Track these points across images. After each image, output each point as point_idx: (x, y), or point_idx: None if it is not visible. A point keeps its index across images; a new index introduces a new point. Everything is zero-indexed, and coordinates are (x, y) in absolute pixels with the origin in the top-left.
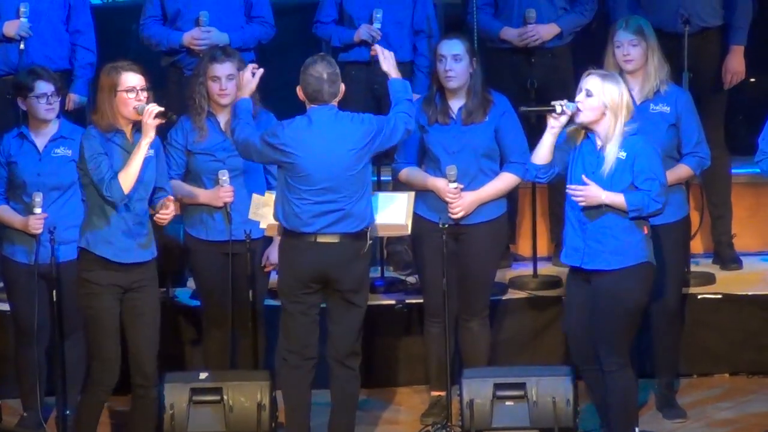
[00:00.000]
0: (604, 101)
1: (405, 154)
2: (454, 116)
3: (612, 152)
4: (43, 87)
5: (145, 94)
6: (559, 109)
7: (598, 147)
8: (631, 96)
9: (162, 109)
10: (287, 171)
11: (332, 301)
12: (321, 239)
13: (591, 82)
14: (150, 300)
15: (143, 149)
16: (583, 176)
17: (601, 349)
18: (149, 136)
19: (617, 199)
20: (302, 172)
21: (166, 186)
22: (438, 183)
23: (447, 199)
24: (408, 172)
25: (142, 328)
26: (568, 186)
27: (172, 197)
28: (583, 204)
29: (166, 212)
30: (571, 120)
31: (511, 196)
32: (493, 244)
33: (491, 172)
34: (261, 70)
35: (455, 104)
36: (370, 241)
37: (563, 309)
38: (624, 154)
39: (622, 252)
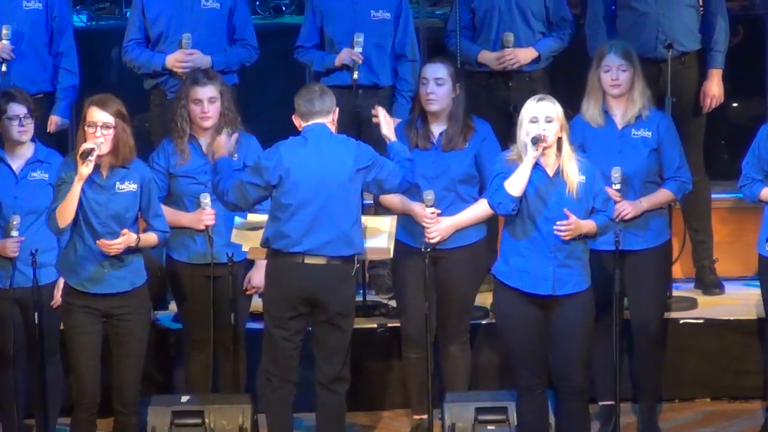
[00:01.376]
0: (560, 123)
1: None
2: (434, 141)
3: (573, 175)
4: (16, 109)
5: (109, 131)
6: (542, 139)
7: (551, 173)
8: (613, 121)
9: (87, 147)
10: (280, 190)
11: (318, 325)
12: (308, 260)
13: (547, 107)
14: (134, 328)
15: (75, 188)
16: (566, 210)
17: (573, 371)
18: (81, 174)
19: (591, 225)
20: (295, 189)
21: (153, 222)
22: (415, 207)
23: (423, 224)
24: (387, 196)
25: (123, 357)
26: (557, 224)
27: (144, 237)
28: (568, 238)
29: (109, 242)
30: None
31: (491, 221)
32: (472, 269)
33: (470, 198)
34: (236, 135)
35: (436, 129)
36: (358, 265)
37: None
38: (583, 177)
39: (585, 273)
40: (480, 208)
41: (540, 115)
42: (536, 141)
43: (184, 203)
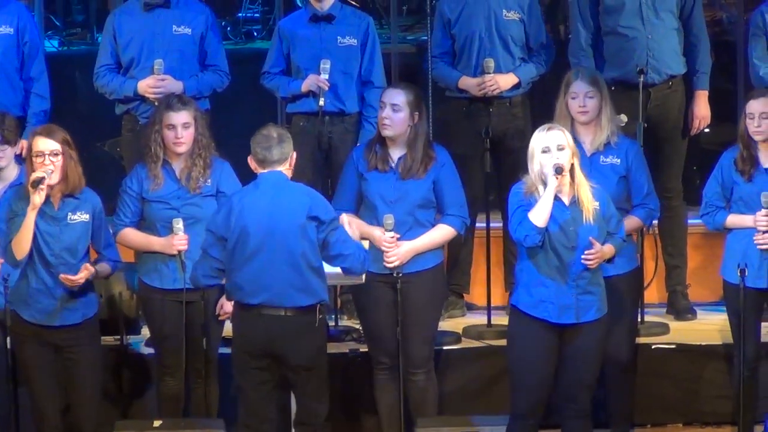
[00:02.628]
0: (572, 151)
1: (341, 201)
2: (393, 165)
3: (588, 201)
4: None
5: (57, 158)
6: (564, 166)
7: (567, 202)
8: (582, 148)
9: (37, 176)
10: (231, 240)
11: (288, 373)
12: (265, 311)
13: (558, 136)
14: (85, 359)
15: (29, 217)
16: (591, 239)
17: (580, 394)
18: (32, 204)
19: (611, 250)
20: (245, 239)
21: (105, 251)
22: (374, 232)
23: (383, 248)
24: (344, 219)
25: (77, 388)
26: (585, 254)
27: (98, 268)
28: (595, 266)
29: (73, 277)
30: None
31: (466, 246)
32: (432, 294)
33: (427, 223)
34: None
35: (394, 153)
36: (321, 316)
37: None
38: (597, 203)
39: (604, 299)
40: (438, 233)
41: (551, 144)
42: (560, 171)
43: (156, 228)
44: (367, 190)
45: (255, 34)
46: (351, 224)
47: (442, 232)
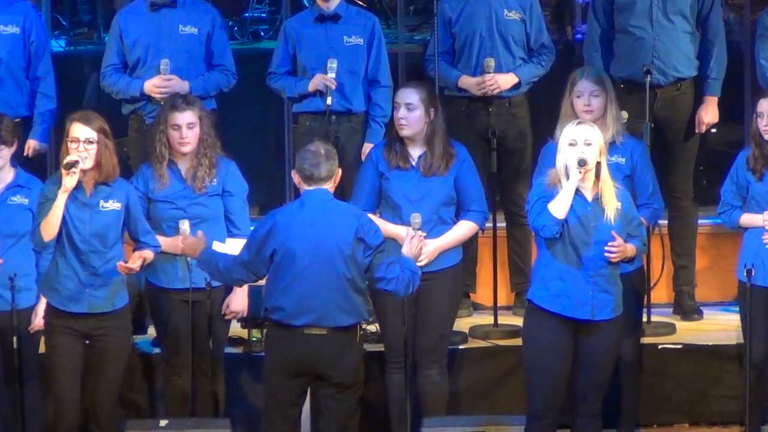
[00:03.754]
0: (600, 148)
1: (361, 201)
2: (414, 163)
3: (611, 201)
4: None
5: (93, 146)
6: (585, 162)
7: (590, 198)
8: None
9: (71, 159)
10: (275, 260)
11: (322, 398)
12: (308, 331)
13: (586, 131)
14: (112, 350)
15: (60, 199)
16: (613, 232)
17: (591, 396)
18: (65, 187)
19: (633, 250)
20: (290, 260)
21: (144, 239)
22: (400, 231)
23: None
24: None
25: (99, 379)
26: (608, 245)
27: (144, 254)
28: (616, 260)
29: (128, 264)
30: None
31: (470, 245)
32: (452, 292)
33: (449, 220)
34: (200, 233)
35: (414, 152)
36: (361, 333)
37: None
38: (620, 203)
39: (621, 299)
40: (462, 230)
41: (579, 139)
42: (582, 164)
43: (162, 228)
44: (390, 189)
45: (262, 33)
46: (416, 240)
47: (465, 229)
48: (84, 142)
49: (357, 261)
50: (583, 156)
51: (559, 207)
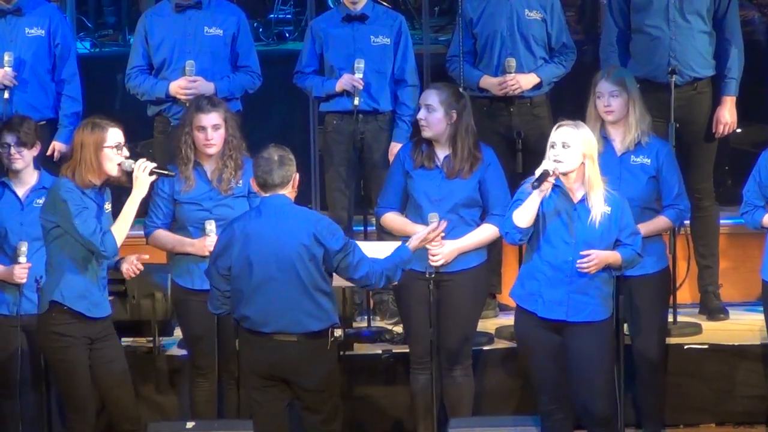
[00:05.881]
0: (582, 150)
1: (387, 199)
2: (438, 163)
3: (598, 205)
4: (5, 137)
5: (125, 149)
6: (551, 170)
7: (576, 199)
8: (612, 147)
9: (154, 165)
10: (237, 269)
11: (298, 405)
12: (278, 338)
13: (565, 133)
14: (116, 347)
15: (136, 204)
16: (582, 252)
17: (591, 401)
18: (142, 191)
19: (617, 257)
20: (249, 270)
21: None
22: (418, 230)
23: (427, 247)
24: (390, 218)
25: (114, 375)
26: (579, 262)
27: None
28: (593, 272)
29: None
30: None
31: (495, 246)
32: (475, 293)
33: (472, 222)
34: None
35: (440, 152)
36: (332, 339)
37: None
38: (608, 208)
39: (604, 303)
40: (483, 233)
41: (558, 141)
42: (542, 177)
43: (188, 230)
44: (413, 188)
45: (287, 35)
46: (433, 234)
47: (486, 232)
48: (123, 146)
49: (318, 262)
50: (546, 169)
51: (522, 216)
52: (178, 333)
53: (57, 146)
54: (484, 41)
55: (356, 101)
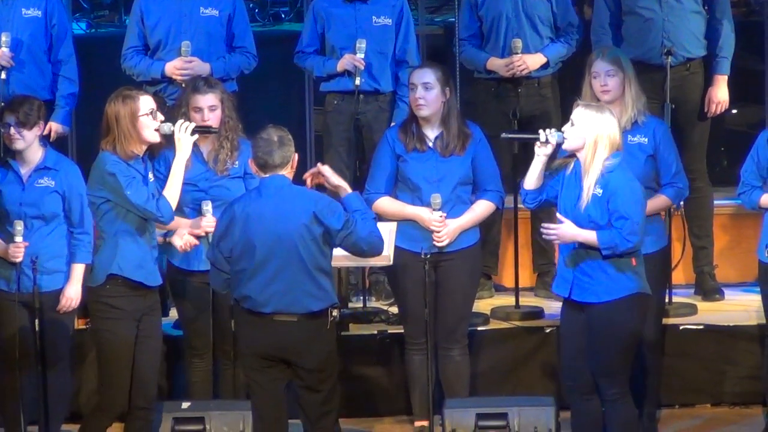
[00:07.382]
0: (583, 131)
1: (378, 183)
2: (430, 144)
3: (588, 186)
4: (6, 118)
5: (159, 114)
6: (543, 138)
7: (583, 177)
8: None
9: (194, 124)
10: (238, 249)
11: (298, 389)
12: (278, 318)
13: (575, 111)
14: (158, 323)
15: (182, 165)
16: (558, 215)
17: (600, 381)
18: (186, 151)
19: (590, 237)
20: (251, 250)
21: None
22: (421, 213)
23: (432, 228)
24: (385, 202)
25: (149, 352)
26: (542, 225)
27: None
28: (556, 242)
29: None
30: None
31: (493, 227)
32: (472, 272)
33: (467, 200)
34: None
35: (431, 133)
36: (332, 319)
37: (548, 339)
38: (600, 191)
39: (612, 285)
40: (480, 209)
41: (572, 118)
42: (544, 140)
43: (184, 211)
44: (409, 171)
45: (283, 15)
46: (327, 171)
47: (483, 208)
48: (156, 111)
49: (318, 241)
50: (543, 131)
51: (527, 178)
52: (174, 313)
53: (54, 127)
54: (489, 23)
55: (357, 81)
